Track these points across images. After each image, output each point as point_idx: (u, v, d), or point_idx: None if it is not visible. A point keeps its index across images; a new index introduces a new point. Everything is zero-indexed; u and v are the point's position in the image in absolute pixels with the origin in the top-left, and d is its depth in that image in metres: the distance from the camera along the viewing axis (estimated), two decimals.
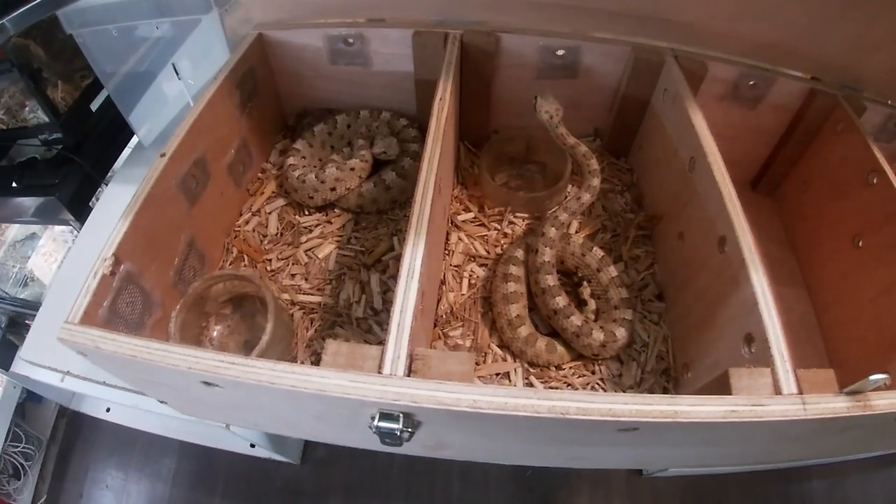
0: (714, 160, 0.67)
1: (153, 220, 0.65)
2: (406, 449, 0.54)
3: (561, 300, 0.72)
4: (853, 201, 0.79)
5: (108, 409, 1.37)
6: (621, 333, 0.71)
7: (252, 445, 1.27)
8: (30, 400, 1.46)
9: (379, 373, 0.48)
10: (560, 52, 0.82)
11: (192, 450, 1.44)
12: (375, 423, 0.47)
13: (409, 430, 0.48)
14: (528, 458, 0.87)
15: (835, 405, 0.49)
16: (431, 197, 0.58)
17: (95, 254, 0.58)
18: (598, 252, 0.77)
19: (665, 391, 0.72)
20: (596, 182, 0.77)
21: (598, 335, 0.70)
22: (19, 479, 1.39)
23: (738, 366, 0.58)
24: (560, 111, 0.79)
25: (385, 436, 0.48)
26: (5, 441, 1.36)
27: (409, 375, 0.48)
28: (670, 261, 0.78)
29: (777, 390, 0.51)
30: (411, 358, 0.48)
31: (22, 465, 1.39)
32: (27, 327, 1.29)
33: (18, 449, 1.39)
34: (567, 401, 0.46)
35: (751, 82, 0.81)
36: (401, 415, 0.47)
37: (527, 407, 0.46)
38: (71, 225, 1.07)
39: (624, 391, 0.71)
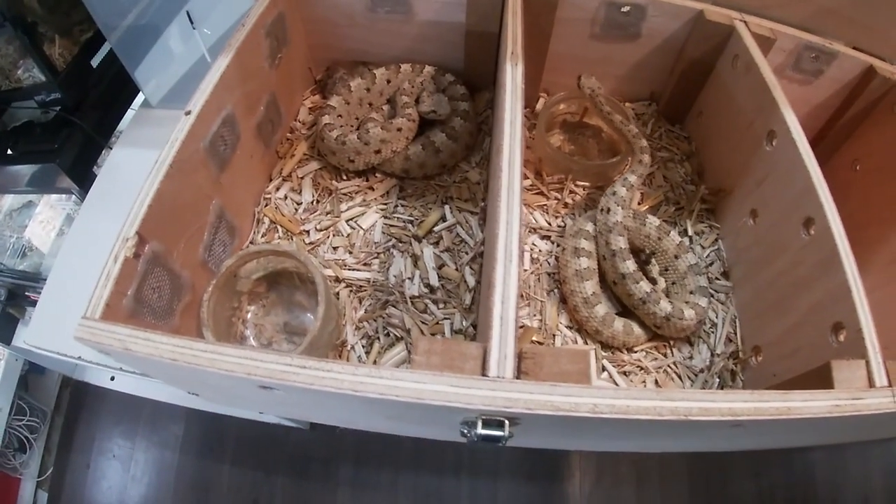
0: (799, 137, 0.59)
1: (180, 189, 0.53)
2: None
3: (631, 264, 0.64)
4: None
5: (112, 378, 1.28)
6: (690, 314, 0.63)
7: (261, 412, 1.16)
8: (32, 371, 1.35)
9: (483, 375, 0.38)
10: (625, 9, 0.71)
11: (200, 416, 1.36)
12: (478, 430, 0.37)
13: (512, 435, 0.39)
14: (592, 447, 0.80)
15: None
16: (520, 165, 0.47)
17: (103, 226, 0.46)
18: (676, 237, 0.68)
19: (733, 375, 0.65)
20: (645, 143, 0.71)
21: (666, 305, 0.62)
22: (25, 453, 1.29)
23: (822, 355, 0.53)
24: (602, 88, 0.75)
25: (483, 440, 0.39)
26: (10, 415, 1.24)
27: (518, 377, 0.38)
28: (739, 238, 0.70)
29: (871, 383, 0.46)
30: (520, 357, 0.39)
31: (27, 438, 1.29)
32: (27, 299, 1.16)
33: (23, 422, 1.28)
34: (689, 401, 0.39)
35: (813, 55, 0.73)
36: (506, 420, 0.38)
37: (649, 410, 0.38)
38: (73, 193, 0.93)
39: (696, 375, 0.64)
